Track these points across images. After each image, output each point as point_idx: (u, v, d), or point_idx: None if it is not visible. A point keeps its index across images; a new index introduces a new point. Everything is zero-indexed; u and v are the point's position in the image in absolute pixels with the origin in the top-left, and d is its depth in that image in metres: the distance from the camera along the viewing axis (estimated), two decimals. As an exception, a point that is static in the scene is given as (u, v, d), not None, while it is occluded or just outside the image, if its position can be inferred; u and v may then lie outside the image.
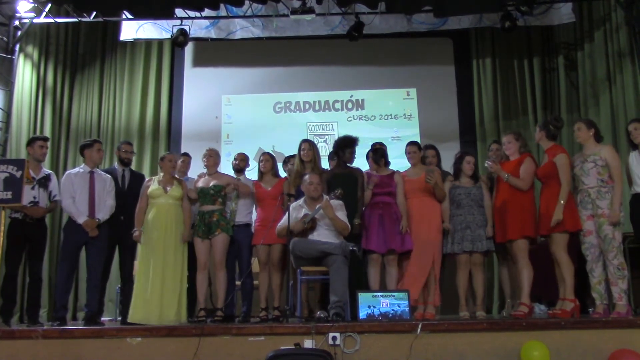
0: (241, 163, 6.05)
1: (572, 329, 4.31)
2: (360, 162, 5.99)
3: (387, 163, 5.71)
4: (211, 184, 5.61)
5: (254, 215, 5.89)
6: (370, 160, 5.72)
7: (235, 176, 5.93)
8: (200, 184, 5.67)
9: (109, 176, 5.67)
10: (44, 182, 5.52)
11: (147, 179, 5.66)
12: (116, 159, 6.07)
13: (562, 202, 4.92)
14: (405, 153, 5.74)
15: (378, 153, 5.67)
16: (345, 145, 5.73)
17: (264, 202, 5.72)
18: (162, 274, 5.24)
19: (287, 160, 6.35)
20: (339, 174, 5.66)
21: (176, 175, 5.71)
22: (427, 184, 5.40)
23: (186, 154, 6.47)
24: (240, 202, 5.84)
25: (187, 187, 5.64)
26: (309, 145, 5.77)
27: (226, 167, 6.80)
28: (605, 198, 4.87)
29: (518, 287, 5.36)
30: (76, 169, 5.69)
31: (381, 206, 5.49)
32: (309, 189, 5.24)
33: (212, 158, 5.74)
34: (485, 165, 5.42)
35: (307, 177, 5.30)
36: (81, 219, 5.34)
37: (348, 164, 5.74)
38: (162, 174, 5.57)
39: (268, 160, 5.85)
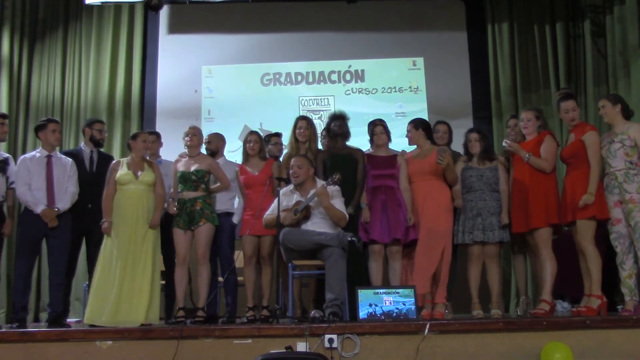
0: (211, 144, 6.02)
1: (598, 329, 4.35)
2: (356, 142, 5.98)
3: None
4: (192, 168, 5.58)
5: (236, 203, 5.88)
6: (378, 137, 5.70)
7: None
8: (180, 167, 5.65)
9: (70, 160, 5.64)
10: (3, 166, 5.50)
11: (114, 161, 5.59)
12: (84, 138, 6.01)
13: (594, 185, 4.94)
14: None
15: (373, 127, 5.70)
16: (332, 119, 5.75)
17: (252, 189, 5.68)
18: (132, 270, 5.16)
19: (267, 140, 6.33)
20: (336, 155, 5.65)
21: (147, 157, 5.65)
22: (437, 165, 5.38)
23: (155, 133, 6.42)
24: (220, 194, 5.83)
25: (161, 171, 5.61)
26: (306, 124, 5.76)
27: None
28: (633, 181, 4.91)
29: (540, 282, 5.38)
30: (32, 153, 5.66)
31: (384, 191, 5.50)
32: (290, 173, 5.26)
33: (197, 137, 5.71)
34: (503, 144, 5.41)
35: (292, 160, 5.30)
36: (38, 208, 5.32)
37: (347, 144, 5.73)
38: (131, 156, 5.48)
39: (257, 140, 5.81)
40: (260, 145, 5.81)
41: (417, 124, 5.74)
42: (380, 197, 5.48)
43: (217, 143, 6.13)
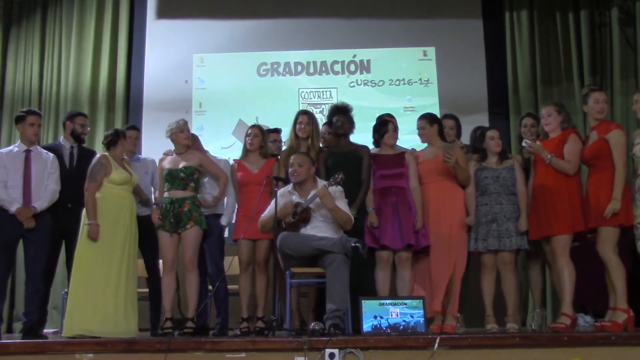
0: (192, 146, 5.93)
1: (624, 345, 4.33)
2: (362, 138, 5.98)
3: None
4: (181, 165, 5.59)
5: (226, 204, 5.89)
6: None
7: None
8: (167, 164, 5.65)
9: (52, 155, 5.64)
10: (-25, 160, 5.50)
11: (99, 156, 5.56)
12: (64, 132, 6.00)
13: (619, 189, 4.93)
14: (417, 128, 5.76)
15: (385, 126, 5.68)
16: (333, 112, 5.76)
17: (248, 187, 5.71)
18: (126, 276, 5.20)
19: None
20: (339, 153, 5.66)
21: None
22: (446, 164, 5.38)
23: (134, 127, 6.40)
24: (208, 185, 5.83)
25: (139, 171, 5.67)
26: (307, 118, 5.78)
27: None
28: (670, 184, 4.91)
29: (559, 293, 5.37)
30: (9, 148, 5.67)
31: (394, 192, 5.51)
32: (289, 172, 5.26)
33: (189, 132, 5.75)
34: (523, 145, 5.39)
35: (292, 157, 5.32)
36: (13, 207, 5.32)
37: (351, 140, 5.74)
38: (113, 154, 5.46)
39: (257, 135, 5.83)
40: (260, 140, 5.80)
41: (432, 119, 5.73)
42: (390, 199, 5.49)
43: (195, 144, 6.02)
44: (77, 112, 6.28)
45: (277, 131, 6.32)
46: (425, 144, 5.77)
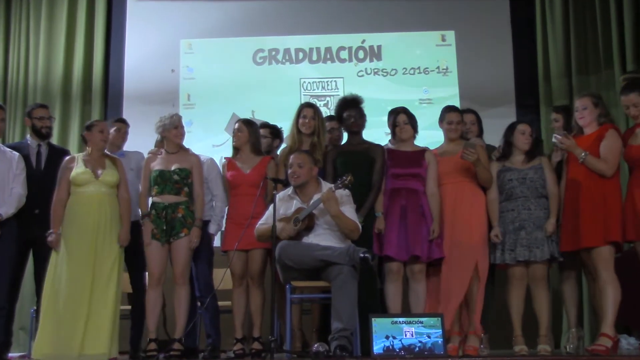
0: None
1: (673, 370, 4.33)
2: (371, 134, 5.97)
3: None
4: (173, 166, 5.58)
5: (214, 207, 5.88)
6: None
7: None
8: (157, 165, 5.64)
9: (17, 154, 5.66)
10: None
11: (67, 157, 5.57)
12: (29, 129, 6.03)
13: None
14: (443, 123, 5.73)
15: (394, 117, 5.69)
16: (342, 106, 5.78)
17: (239, 189, 5.70)
18: (96, 291, 5.19)
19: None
20: (349, 152, 5.67)
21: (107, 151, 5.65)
22: (467, 163, 5.38)
23: (122, 120, 6.39)
24: None
25: (124, 167, 5.61)
26: (312, 112, 5.78)
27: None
28: None
29: (599, 311, 5.35)
30: (-32, 146, 5.69)
31: (404, 195, 5.50)
32: (289, 173, 5.27)
33: (183, 128, 5.78)
34: (554, 140, 5.38)
35: (291, 156, 5.31)
36: (-25, 214, 5.34)
37: (364, 138, 5.76)
38: (87, 151, 5.50)
39: (241, 129, 5.81)
40: (247, 135, 5.76)
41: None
42: (399, 202, 5.49)
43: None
44: (34, 104, 6.29)
45: (268, 126, 6.32)
46: (440, 142, 5.81)
